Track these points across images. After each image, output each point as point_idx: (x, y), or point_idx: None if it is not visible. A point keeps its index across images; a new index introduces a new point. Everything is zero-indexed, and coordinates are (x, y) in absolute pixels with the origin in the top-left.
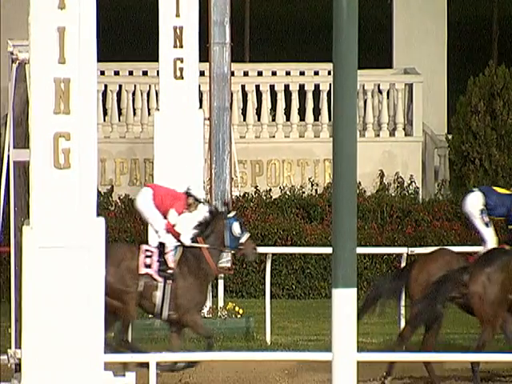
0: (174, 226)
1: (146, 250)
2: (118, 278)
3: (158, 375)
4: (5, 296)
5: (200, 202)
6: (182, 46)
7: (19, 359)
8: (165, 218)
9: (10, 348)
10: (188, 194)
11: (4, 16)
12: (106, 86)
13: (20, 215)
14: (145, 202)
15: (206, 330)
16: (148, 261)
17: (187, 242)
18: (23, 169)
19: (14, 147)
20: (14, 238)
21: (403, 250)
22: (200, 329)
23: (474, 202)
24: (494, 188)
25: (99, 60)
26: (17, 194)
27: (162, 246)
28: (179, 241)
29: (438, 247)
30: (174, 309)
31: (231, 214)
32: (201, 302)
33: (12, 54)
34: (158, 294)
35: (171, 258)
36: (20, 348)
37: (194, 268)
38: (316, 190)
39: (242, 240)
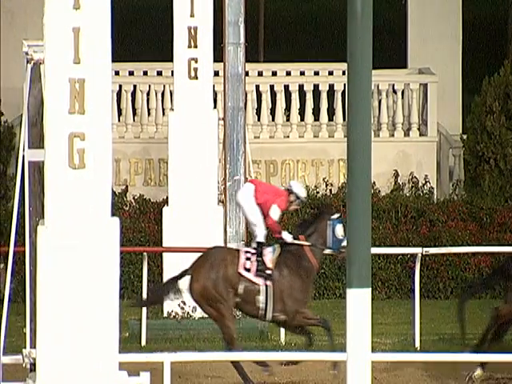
0: (275, 222)
1: (246, 252)
2: (216, 282)
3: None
4: (20, 296)
5: (301, 200)
6: (196, 46)
7: (34, 359)
8: (264, 214)
9: (25, 348)
10: (290, 191)
11: (19, 16)
12: (120, 86)
13: (35, 215)
14: (246, 197)
15: (320, 319)
16: (248, 264)
17: (289, 239)
18: (38, 169)
19: (29, 147)
20: (29, 238)
21: (418, 251)
22: (314, 320)
23: None
24: None
25: (114, 60)
26: (32, 194)
27: (259, 246)
28: (280, 238)
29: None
30: (280, 310)
31: (335, 216)
32: (306, 300)
33: (27, 54)
34: (261, 297)
35: (269, 258)
36: (35, 348)
37: (294, 267)
38: (330, 190)
39: (344, 243)
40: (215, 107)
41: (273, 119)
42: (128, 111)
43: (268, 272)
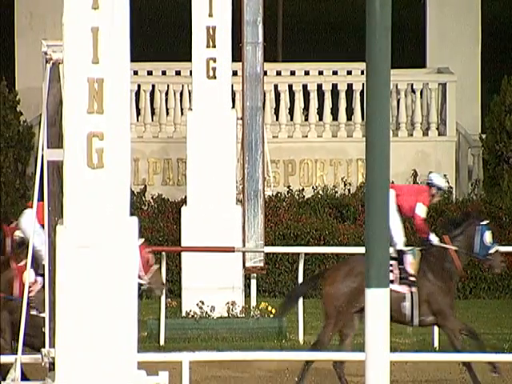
0: (424, 219)
1: None
2: (348, 291)
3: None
4: None
5: (443, 190)
6: (214, 46)
7: (53, 358)
8: (408, 215)
9: (44, 347)
10: (430, 184)
11: (38, 16)
12: (139, 86)
13: (54, 215)
14: None
15: (459, 341)
16: (390, 276)
17: (435, 241)
18: (57, 168)
19: (48, 147)
20: (48, 238)
21: None
22: (456, 341)
23: None
24: None
25: (132, 60)
26: (51, 194)
27: (400, 254)
28: (427, 239)
29: None
30: (427, 314)
31: (485, 222)
32: (452, 303)
33: (46, 54)
34: (407, 304)
35: (411, 264)
36: (54, 347)
37: (437, 270)
38: (349, 190)
39: (491, 251)
40: (233, 107)
41: (291, 119)
42: (147, 111)
43: (411, 279)
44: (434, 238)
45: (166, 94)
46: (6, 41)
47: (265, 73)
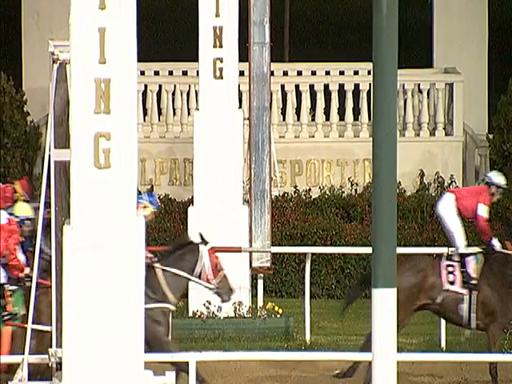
0: (487, 220)
1: (448, 266)
2: (410, 290)
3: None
4: None
5: (502, 188)
6: (221, 46)
7: (60, 358)
8: (470, 217)
9: (51, 347)
10: (489, 183)
11: (45, 16)
12: (145, 86)
13: (61, 215)
14: (447, 208)
15: (496, 348)
16: (451, 277)
17: (497, 246)
18: (64, 168)
19: (55, 147)
20: (55, 238)
21: (443, 250)
22: (493, 347)
23: None
24: None
25: (139, 60)
26: (57, 194)
27: (462, 257)
28: (489, 243)
29: None
30: (485, 318)
31: None
32: (508, 311)
33: (53, 54)
34: (464, 306)
35: (473, 268)
36: (61, 347)
37: (500, 275)
38: (356, 190)
39: None
40: (240, 107)
41: (298, 119)
42: (153, 111)
43: (473, 282)
44: (496, 243)
45: (173, 94)
46: (13, 41)
47: (271, 73)
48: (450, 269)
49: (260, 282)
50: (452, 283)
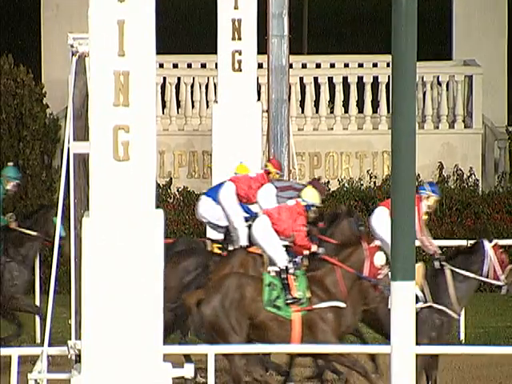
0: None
1: None
2: None
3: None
4: (65, 288)
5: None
6: (240, 39)
7: (79, 350)
8: None
9: (70, 339)
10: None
11: (64, 9)
12: (164, 79)
13: (80, 207)
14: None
15: None
16: None
17: None
18: (83, 161)
19: (74, 140)
20: (74, 230)
21: (462, 243)
22: None
23: None
24: None
25: (158, 53)
26: (76, 186)
27: None
28: None
29: None
30: None
31: None
32: None
33: (72, 46)
34: None
35: None
36: (80, 339)
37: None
38: (374, 183)
39: None
40: (259, 99)
41: (317, 111)
42: (172, 104)
43: None
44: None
45: (192, 86)
46: (32, 33)
47: (290, 65)
48: None
49: None
50: None
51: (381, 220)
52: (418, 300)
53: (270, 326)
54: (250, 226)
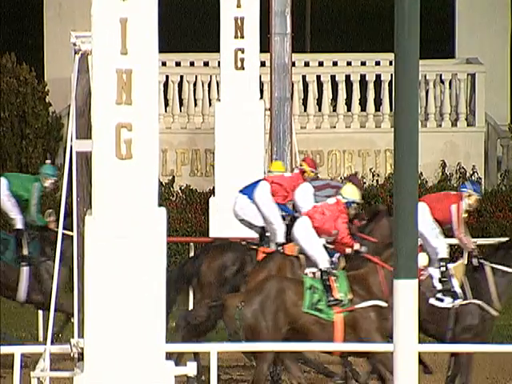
0: None
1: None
2: None
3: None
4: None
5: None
6: (243, 37)
7: (82, 348)
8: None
9: (73, 337)
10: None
11: (67, 7)
12: (167, 77)
13: (82, 205)
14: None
15: None
16: None
17: None
18: (86, 159)
19: (77, 138)
20: (77, 228)
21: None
22: None
23: None
24: None
25: (161, 51)
26: (79, 184)
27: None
28: None
29: None
30: None
31: None
32: None
33: (75, 45)
34: None
35: None
36: (83, 337)
37: None
38: (377, 181)
39: None
40: (261, 98)
41: (319, 109)
42: (175, 102)
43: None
44: None
45: (194, 84)
46: (35, 32)
47: (293, 63)
48: None
49: None
50: None
51: (421, 217)
52: (457, 297)
53: (313, 330)
54: (287, 225)
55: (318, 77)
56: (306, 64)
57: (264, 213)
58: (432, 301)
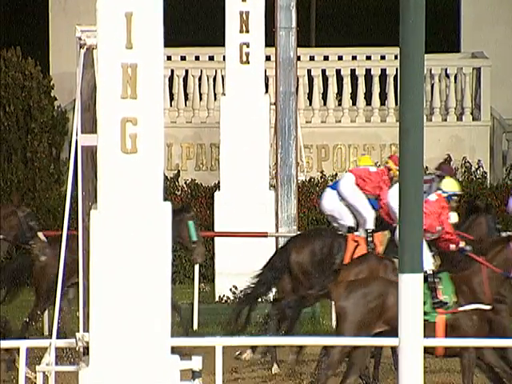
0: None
1: None
2: None
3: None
4: None
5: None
6: (248, 31)
7: (87, 342)
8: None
9: (78, 331)
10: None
11: (72, 1)
12: (172, 71)
13: (88, 199)
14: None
15: None
16: None
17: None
18: (91, 153)
19: (82, 132)
20: (82, 222)
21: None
22: None
23: None
24: None
25: (166, 45)
26: (84, 179)
27: None
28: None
29: None
30: None
31: None
32: None
33: (80, 39)
34: None
35: None
36: (88, 331)
37: None
38: None
39: None
40: (267, 92)
41: (324, 104)
42: (180, 96)
43: None
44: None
45: (200, 79)
46: (40, 26)
47: (298, 58)
48: None
49: None
50: None
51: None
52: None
53: None
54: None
55: (323, 71)
56: (311, 58)
57: (350, 202)
58: None
